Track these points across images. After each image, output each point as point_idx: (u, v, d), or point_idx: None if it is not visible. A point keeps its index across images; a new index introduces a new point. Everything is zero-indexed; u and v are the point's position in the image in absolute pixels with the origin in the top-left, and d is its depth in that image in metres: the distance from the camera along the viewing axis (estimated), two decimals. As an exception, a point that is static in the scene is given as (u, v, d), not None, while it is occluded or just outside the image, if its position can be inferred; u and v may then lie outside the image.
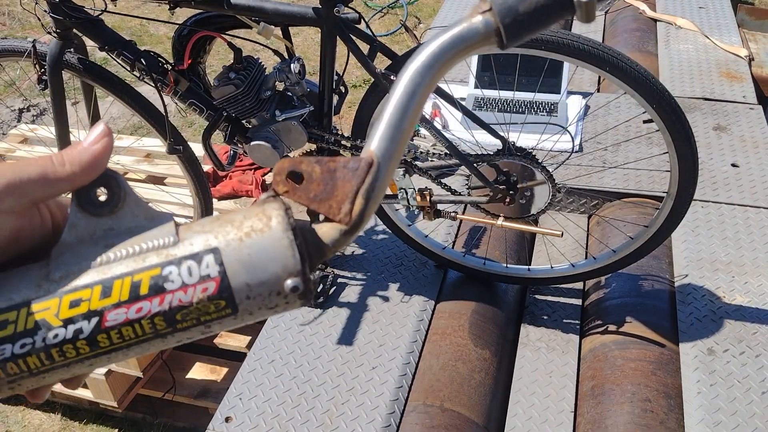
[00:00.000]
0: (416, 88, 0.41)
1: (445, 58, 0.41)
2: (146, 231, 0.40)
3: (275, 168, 0.41)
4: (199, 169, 1.87)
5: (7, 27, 4.43)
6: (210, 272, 0.39)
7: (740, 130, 2.37)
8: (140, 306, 0.38)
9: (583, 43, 1.40)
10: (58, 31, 1.65)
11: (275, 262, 0.39)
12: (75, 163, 0.40)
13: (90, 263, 0.39)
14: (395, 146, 0.42)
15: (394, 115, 0.41)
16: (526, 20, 0.41)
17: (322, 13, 1.49)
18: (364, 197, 0.41)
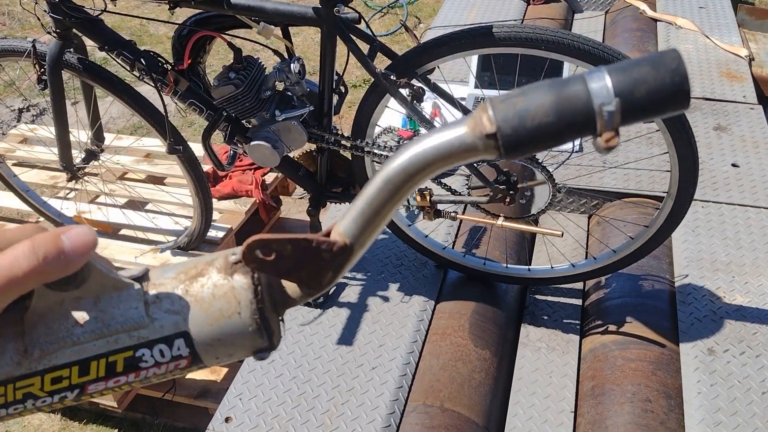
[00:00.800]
0: (397, 185, 0.40)
1: (433, 163, 0.39)
2: (114, 302, 0.41)
3: (246, 245, 0.41)
4: (199, 169, 1.87)
5: (7, 27, 4.43)
6: (182, 353, 0.42)
7: (740, 130, 2.37)
8: (117, 379, 0.42)
9: (583, 43, 1.40)
10: (58, 31, 1.65)
11: (244, 343, 0.42)
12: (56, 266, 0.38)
13: (64, 342, 0.40)
14: (368, 235, 0.42)
15: (370, 208, 0.41)
16: (533, 144, 0.38)
17: (322, 13, 1.48)
18: (334, 272, 0.43)
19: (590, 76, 0.37)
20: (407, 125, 2.40)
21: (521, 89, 0.38)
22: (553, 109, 0.36)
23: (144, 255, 2.07)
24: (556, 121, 0.36)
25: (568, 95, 0.36)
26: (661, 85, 0.36)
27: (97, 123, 2.02)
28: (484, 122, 0.37)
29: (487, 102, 0.37)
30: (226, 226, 2.17)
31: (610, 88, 0.36)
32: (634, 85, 0.36)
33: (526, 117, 0.36)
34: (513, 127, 0.36)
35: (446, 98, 1.64)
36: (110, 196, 2.34)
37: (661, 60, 0.37)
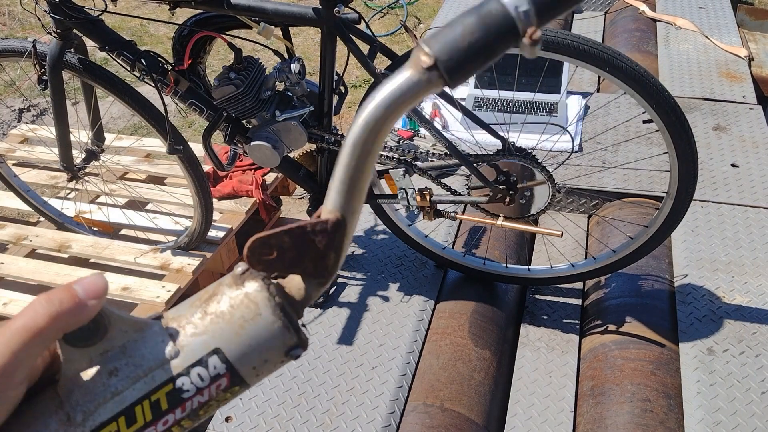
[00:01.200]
0: (366, 143, 0.41)
1: (391, 112, 0.41)
2: (140, 344, 0.42)
3: (247, 248, 0.42)
4: (200, 169, 1.87)
5: (7, 27, 4.43)
6: (219, 371, 0.42)
7: (740, 130, 2.37)
8: (166, 419, 0.41)
9: (582, 43, 1.40)
10: (59, 31, 1.65)
11: (274, 343, 0.43)
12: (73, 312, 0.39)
13: (103, 397, 0.40)
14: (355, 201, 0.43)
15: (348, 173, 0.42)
16: (471, 63, 0.40)
17: (322, 13, 1.49)
18: (335, 252, 0.43)
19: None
20: (407, 125, 2.40)
21: (447, 22, 0.41)
22: (477, 27, 0.38)
23: (144, 255, 2.07)
24: (483, 35, 0.38)
25: (487, 11, 0.38)
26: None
27: (97, 123, 2.03)
28: (423, 58, 0.39)
29: (420, 42, 0.40)
30: (227, 226, 2.17)
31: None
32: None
33: (457, 41, 0.39)
34: (448, 53, 0.39)
35: (446, 98, 1.64)
36: (111, 196, 2.34)
37: None
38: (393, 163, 1.64)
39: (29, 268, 2.07)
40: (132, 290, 1.94)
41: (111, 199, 2.33)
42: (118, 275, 2.01)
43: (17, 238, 2.21)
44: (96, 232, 2.29)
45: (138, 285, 1.95)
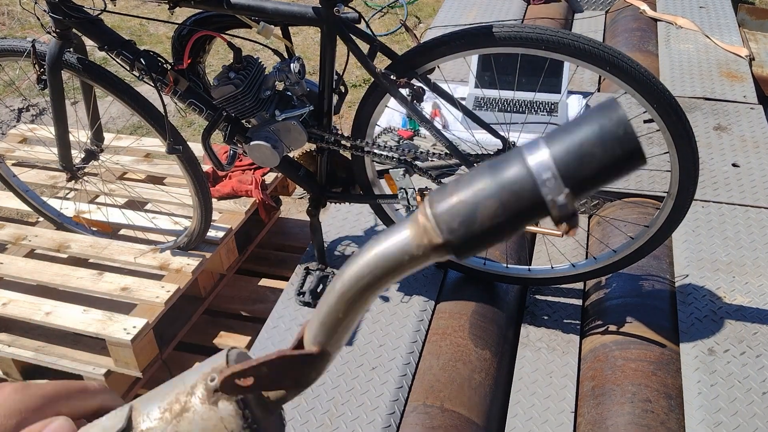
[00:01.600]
0: (354, 300, 0.39)
1: (381, 279, 0.37)
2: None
3: (221, 380, 0.40)
4: (199, 169, 1.87)
5: (6, 27, 4.43)
6: None
7: (741, 129, 2.37)
8: None
9: (583, 43, 1.40)
10: (58, 30, 1.65)
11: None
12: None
13: None
14: (341, 338, 0.41)
15: (335, 316, 0.40)
16: (487, 243, 0.35)
17: (322, 12, 1.48)
18: (317, 371, 0.42)
19: (532, 159, 0.33)
20: (407, 125, 2.40)
21: (456, 183, 0.34)
22: (500, 210, 0.33)
23: (144, 255, 2.07)
24: (506, 221, 0.34)
25: (512, 191, 0.33)
26: (611, 158, 0.33)
27: (96, 123, 2.02)
28: (432, 237, 0.35)
29: (426, 208, 0.35)
30: (226, 226, 2.17)
31: (556, 175, 0.33)
32: (581, 164, 0.33)
33: (474, 223, 0.34)
34: (461, 236, 0.34)
35: (446, 98, 1.63)
36: (110, 196, 2.34)
37: (606, 129, 0.33)
38: (393, 163, 1.64)
39: (28, 268, 2.06)
40: (131, 290, 1.93)
41: (110, 199, 2.33)
42: (117, 275, 2.00)
43: (16, 238, 2.21)
44: (95, 232, 2.29)
45: (137, 285, 1.95)
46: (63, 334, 1.96)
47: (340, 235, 2.04)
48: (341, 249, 1.99)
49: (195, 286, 2.11)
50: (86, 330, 1.84)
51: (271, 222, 2.49)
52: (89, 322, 1.85)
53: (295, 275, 1.91)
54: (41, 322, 1.90)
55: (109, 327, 1.82)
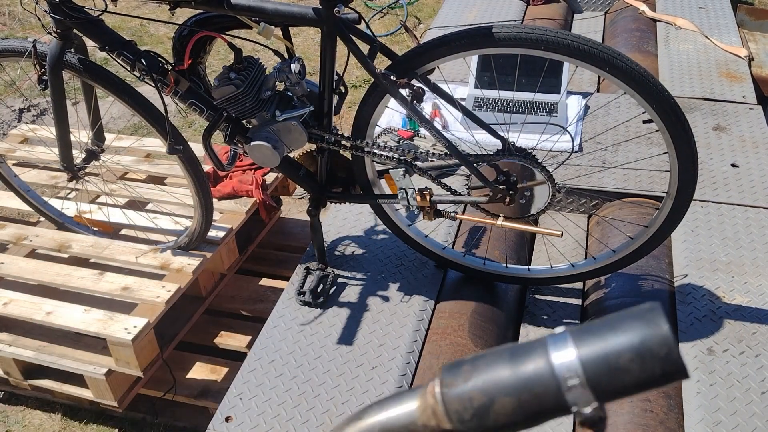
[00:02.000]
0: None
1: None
2: None
3: None
4: (200, 169, 1.87)
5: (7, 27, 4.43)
6: None
7: (740, 130, 2.37)
8: None
9: (583, 43, 1.40)
10: (59, 31, 1.66)
11: None
12: None
13: None
14: None
15: None
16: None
17: (322, 13, 1.49)
18: None
19: (557, 357, 0.30)
20: (407, 125, 2.40)
21: (473, 365, 0.31)
22: (518, 410, 0.30)
23: (145, 255, 2.07)
24: (523, 420, 0.30)
25: (533, 392, 0.30)
26: (649, 377, 0.29)
27: (97, 123, 2.03)
28: (439, 417, 0.31)
29: (437, 387, 0.32)
30: (227, 226, 2.17)
31: (584, 383, 0.29)
32: (614, 378, 0.29)
33: (487, 419, 0.30)
34: (472, 430, 0.31)
35: (446, 98, 1.64)
36: (111, 196, 2.34)
37: (647, 345, 0.29)
38: (393, 163, 1.64)
39: (29, 268, 2.07)
40: (132, 290, 1.94)
41: (111, 199, 2.33)
42: (118, 275, 2.01)
43: (17, 238, 2.21)
44: (96, 232, 2.29)
45: (138, 285, 1.95)
46: (64, 333, 1.97)
47: (340, 235, 2.04)
48: (341, 249, 2.00)
49: (196, 286, 2.12)
50: (87, 330, 1.85)
51: (272, 222, 2.49)
52: (90, 321, 1.86)
53: (296, 275, 1.92)
54: (42, 321, 1.90)
55: (110, 327, 1.83)
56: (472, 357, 0.31)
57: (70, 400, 2.13)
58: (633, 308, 0.30)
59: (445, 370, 0.32)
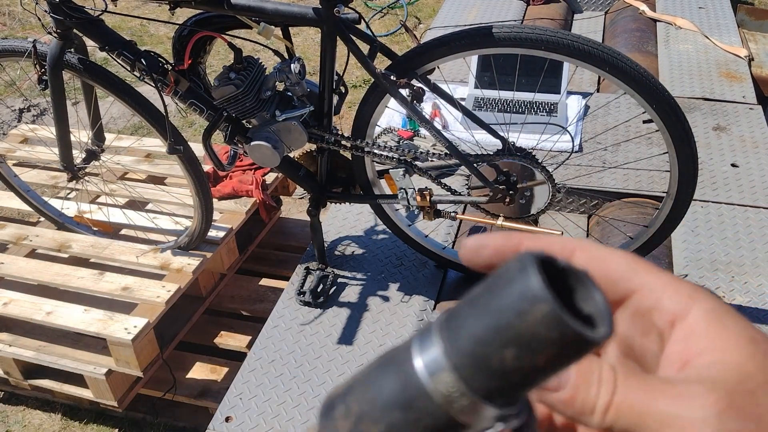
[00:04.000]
0: None
1: None
2: None
3: None
4: (200, 169, 1.87)
5: (7, 27, 4.43)
6: None
7: (740, 130, 2.37)
8: None
9: (582, 44, 1.40)
10: (59, 31, 1.65)
11: None
12: None
13: None
14: None
15: None
16: None
17: (322, 13, 1.49)
18: None
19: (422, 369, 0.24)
20: (407, 125, 2.40)
21: (346, 405, 0.27)
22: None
23: (145, 255, 2.07)
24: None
25: (413, 419, 0.24)
26: (543, 359, 0.23)
27: (97, 123, 2.03)
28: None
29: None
30: (227, 226, 2.17)
31: (464, 390, 0.23)
32: (496, 373, 0.23)
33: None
34: None
35: (446, 98, 1.64)
36: (111, 196, 2.34)
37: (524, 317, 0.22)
38: (393, 163, 1.64)
39: (29, 268, 2.07)
40: (132, 290, 1.94)
41: (111, 199, 2.33)
42: (118, 275, 2.01)
43: (17, 238, 2.21)
44: (96, 232, 2.29)
45: (138, 285, 1.95)
46: (64, 333, 1.97)
47: (340, 235, 2.04)
48: (341, 249, 2.00)
49: (196, 286, 2.12)
50: (87, 330, 1.84)
51: (272, 222, 2.49)
52: (90, 321, 1.86)
53: (296, 275, 1.92)
54: (42, 321, 1.90)
55: (110, 327, 1.83)
56: (345, 390, 0.26)
57: (70, 400, 2.13)
58: (501, 270, 0.23)
59: (321, 417, 0.27)
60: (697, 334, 0.30)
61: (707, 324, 0.30)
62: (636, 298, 0.32)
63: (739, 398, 0.28)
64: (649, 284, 0.31)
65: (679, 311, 0.31)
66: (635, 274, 0.32)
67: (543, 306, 0.21)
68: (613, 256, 0.32)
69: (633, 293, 0.32)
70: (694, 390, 0.28)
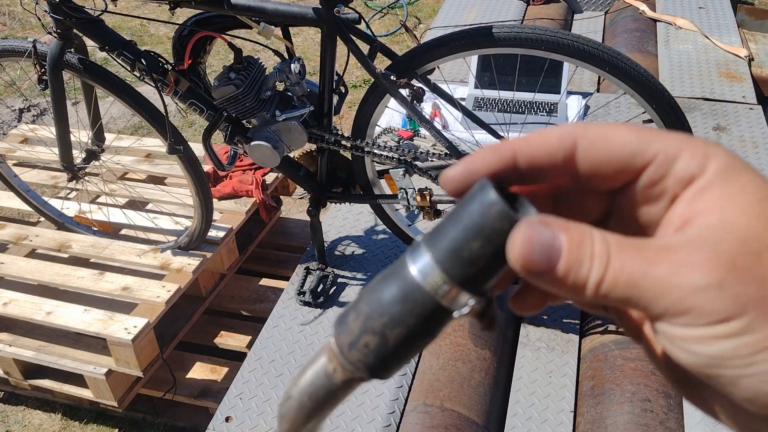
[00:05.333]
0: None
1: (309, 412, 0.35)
2: None
3: None
4: (200, 169, 1.87)
5: (7, 27, 4.43)
6: None
7: (740, 130, 2.37)
8: None
9: (582, 44, 1.40)
10: (59, 31, 1.66)
11: None
12: None
13: None
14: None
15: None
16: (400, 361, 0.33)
17: (323, 13, 1.49)
18: None
19: (417, 272, 0.31)
20: (407, 125, 2.40)
21: (356, 311, 0.32)
22: (411, 334, 0.31)
23: (145, 255, 2.07)
24: (421, 340, 0.32)
25: (414, 312, 0.31)
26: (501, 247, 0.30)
27: (97, 123, 2.03)
28: (347, 370, 0.33)
29: (335, 349, 0.33)
30: (227, 226, 2.17)
31: (447, 281, 0.30)
32: (468, 265, 0.30)
33: (389, 355, 0.32)
34: (380, 369, 0.32)
35: (446, 98, 1.64)
36: (111, 196, 2.34)
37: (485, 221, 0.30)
38: (393, 163, 1.64)
39: (29, 268, 2.07)
40: (132, 290, 1.94)
41: (111, 199, 2.33)
42: (118, 275, 2.01)
43: (17, 238, 2.21)
44: (96, 232, 2.29)
45: (138, 285, 1.95)
46: (64, 333, 1.97)
47: (340, 235, 2.04)
48: (341, 249, 2.00)
49: (196, 286, 2.12)
50: (87, 330, 1.85)
51: (272, 222, 2.49)
52: (90, 321, 1.86)
53: (296, 275, 1.92)
54: (42, 321, 1.90)
55: (110, 327, 1.83)
56: (355, 302, 0.33)
57: (70, 400, 2.13)
58: (468, 193, 0.31)
59: (336, 326, 0.33)
60: (705, 193, 0.28)
61: (717, 181, 0.28)
62: (651, 168, 0.29)
63: (741, 260, 0.26)
64: (663, 150, 0.29)
65: (695, 171, 0.28)
66: (647, 144, 0.29)
67: (497, 206, 0.29)
68: (618, 133, 0.30)
69: (648, 164, 0.29)
70: (693, 255, 0.26)
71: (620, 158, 0.30)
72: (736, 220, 0.27)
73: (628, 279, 0.27)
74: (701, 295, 0.26)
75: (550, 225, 0.28)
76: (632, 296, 0.27)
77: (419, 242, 0.32)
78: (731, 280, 0.25)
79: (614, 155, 0.30)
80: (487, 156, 0.32)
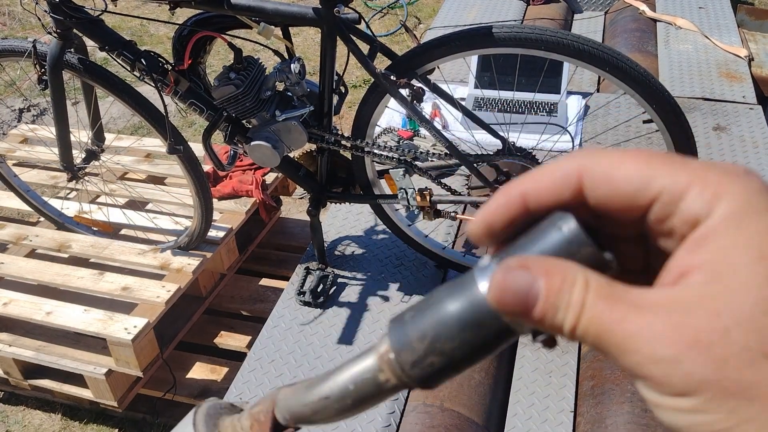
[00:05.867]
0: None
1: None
2: None
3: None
4: (200, 169, 1.87)
5: (7, 27, 4.43)
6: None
7: (740, 130, 2.37)
8: None
9: (582, 44, 1.40)
10: (59, 31, 1.66)
11: None
12: None
13: None
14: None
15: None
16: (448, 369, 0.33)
17: (322, 13, 1.49)
18: None
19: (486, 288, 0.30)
20: (407, 125, 2.40)
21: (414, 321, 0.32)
22: (469, 349, 0.31)
23: (144, 255, 2.07)
24: (478, 356, 0.32)
25: (478, 328, 0.30)
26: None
27: (97, 123, 2.03)
28: (398, 375, 0.33)
29: (390, 356, 0.33)
30: (227, 226, 2.17)
31: None
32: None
33: (444, 366, 0.32)
34: (431, 378, 0.33)
35: (446, 98, 1.64)
36: (111, 196, 2.34)
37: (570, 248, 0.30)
38: (393, 163, 1.64)
39: (29, 268, 2.07)
40: (132, 290, 1.94)
41: (111, 199, 2.33)
42: (118, 275, 2.01)
43: (17, 238, 2.21)
44: (96, 232, 2.29)
45: (138, 285, 1.95)
46: (64, 333, 1.97)
47: (340, 235, 2.04)
48: (341, 249, 2.00)
49: (195, 286, 2.12)
50: (87, 330, 1.85)
51: (272, 222, 2.49)
52: (90, 321, 1.86)
53: (296, 275, 1.92)
54: (42, 321, 1.90)
55: (110, 327, 1.83)
56: (416, 316, 0.32)
57: (70, 400, 2.13)
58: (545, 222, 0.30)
59: (395, 341, 0.32)
60: (707, 242, 0.26)
61: (722, 229, 0.25)
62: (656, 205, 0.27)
63: (706, 336, 0.24)
64: (668, 187, 0.27)
65: (700, 213, 0.26)
66: (650, 179, 0.27)
67: (587, 248, 0.28)
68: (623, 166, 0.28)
69: (653, 201, 0.27)
70: (661, 321, 0.25)
71: (625, 195, 0.28)
72: (724, 285, 0.25)
73: (597, 331, 0.27)
74: (658, 366, 0.25)
75: (529, 269, 0.28)
76: (602, 348, 0.27)
77: (489, 261, 0.31)
78: (689, 356, 0.24)
79: (619, 191, 0.28)
80: (500, 205, 0.31)
